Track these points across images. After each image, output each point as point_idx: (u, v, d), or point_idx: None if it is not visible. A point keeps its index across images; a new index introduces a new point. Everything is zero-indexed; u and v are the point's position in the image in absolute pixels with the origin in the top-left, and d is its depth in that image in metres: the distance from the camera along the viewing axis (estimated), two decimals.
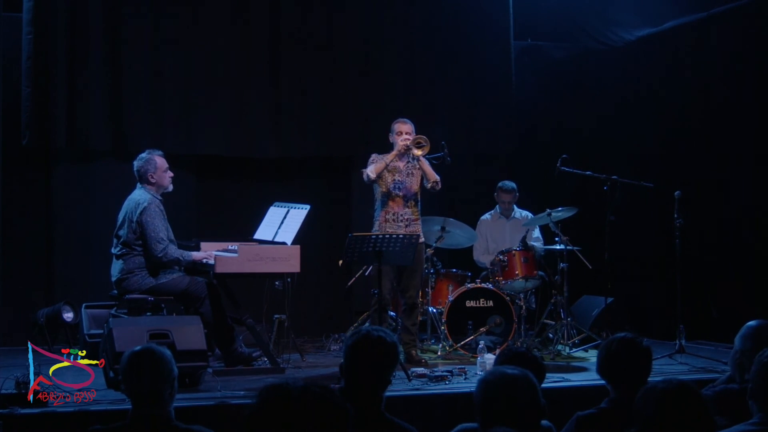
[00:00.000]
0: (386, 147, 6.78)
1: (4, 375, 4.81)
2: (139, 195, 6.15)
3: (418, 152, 6.52)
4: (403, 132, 6.60)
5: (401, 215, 6.62)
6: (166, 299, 6.05)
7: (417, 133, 6.63)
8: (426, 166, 6.61)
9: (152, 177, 6.19)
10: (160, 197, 6.20)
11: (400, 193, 6.63)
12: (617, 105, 8.87)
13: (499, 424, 2.51)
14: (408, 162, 6.64)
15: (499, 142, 8.68)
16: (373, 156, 6.69)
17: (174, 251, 6.07)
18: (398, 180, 6.63)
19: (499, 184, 7.90)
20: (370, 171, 6.56)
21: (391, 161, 6.58)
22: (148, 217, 5.99)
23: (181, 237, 6.39)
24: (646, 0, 8.33)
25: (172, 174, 6.30)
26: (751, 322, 3.93)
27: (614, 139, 8.87)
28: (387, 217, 6.63)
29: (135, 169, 6.24)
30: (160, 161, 6.24)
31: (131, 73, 7.61)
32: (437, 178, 6.59)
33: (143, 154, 6.26)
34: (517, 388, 2.70)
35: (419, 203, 6.74)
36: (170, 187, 6.30)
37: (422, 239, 6.74)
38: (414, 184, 6.66)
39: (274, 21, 7.99)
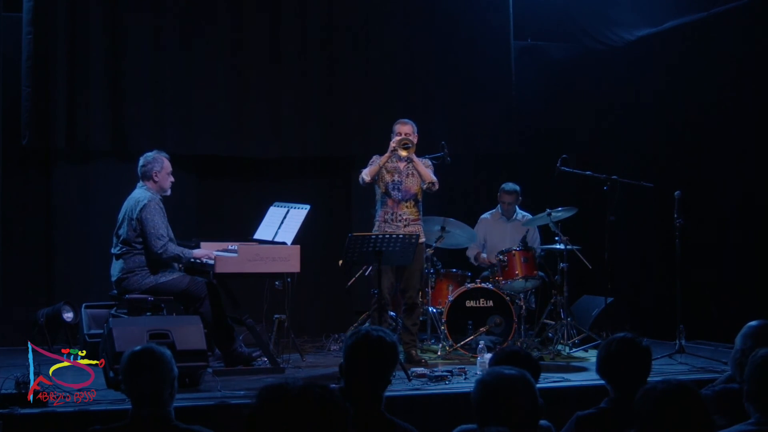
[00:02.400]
0: (386, 147, 6.77)
1: (4, 375, 4.81)
2: (139, 193, 6.15)
3: (403, 153, 6.52)
4: (402, 133, 6.61)
5: (400, 215, 6.63)
6: (166, 299, 6.05)
7: (419, 134, 6.65)
8: (420, 167, 6.61)
9: (156, 176, 6.19)
10: (160, 196, 6.20)
11: (398, 194, 6.64)
12: (617, 105, 8.87)
13: (496, 425, 2.51)
14: (408, 162, 6.65)
15: (499, 142, 8.67)
16: (374, 158, 6.71)
17: (174, 248, 6.07)
18: (397, 180, 6.64)
19: (502, 185, 7.90)
20: (365, 174, 6.59)
21: (386, 162, 6.59)
22: (147, 214, 6.00)
23: (181, 237, 6.39)
24: (646, 0, 8.33)
25: (173, 180, 6.31)
26: (753, 322, 3.95)
27: (614, 139, 8.87)
28: (386, 217, 6.65)
29: (140, 165, 6.24)
30: (167, 163, 6.26)
31: (131, 73, 7.61)
32: (433, 179, 6.59)
33: (150, 153, 6.27)
34: (514, 388, 2.70)
35: (420, 204, 6.74)
36: (168, 192, 6.30)
37: (423, 239, 6.75)
38: (413, 185, 6.66)
39: (274, 21, 7.99)
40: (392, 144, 6.56)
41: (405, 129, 6.63)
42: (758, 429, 3.02)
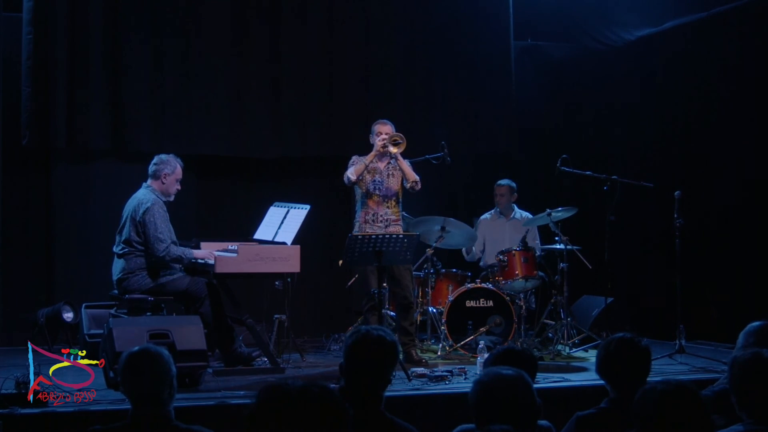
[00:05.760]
0: (372, 148, 6.75)
1: (4, 375, 4.81)
2: (143, 194, 6.15)
3: (393, 149, 6.52)
4: (383, 132, 6.61)
5: (381, 216, 6.63)
6: (166, 299, 6.05)
7: (410, 134, 6.65)
8: (405, 166, 6.61)
9: (165, 178, 6.19)
10: (164, 199, 6.20)
11: (380, 194, 6.63)
12: (617, 105, 8.87)
13: (494, 424, 2.51)
14: (388, 163, 6.66)
15: (499, 142, 8.67)
16: (354, 158, 6.71)
17: (176, 250, 6.07)
18: (378, 180, 6.64)
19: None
20: (350, 173, 6.58)
21: (371, 162, 6.59)
22: (150, 217, 6.00)
23: (181, 237, 6.39)
24: (646, 0, 8.33)
25: (180, 188, 6.31)
26: (755, 323, 3.96)
27: (614, 139, 8.87)
28: (367, 217, 6.64)
29: (152, 163, 6.24)
30: (179, 170, 6.27)
31: (131, 73, 7.60)
32: (416, 178, 6.59)
33: (166, 155, 6.28)
34: (511, 388, 2.69)
35: (400, 204, 6.74)
36: (172, 198, 6.30)
37: None
38: (394, 185, 6.66)
39: (274, 21, 7.99)
40: (379, 142, 6.55)
41: (385, 129, 6.65)
42: (759, 429, 3.02)
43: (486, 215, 8.03)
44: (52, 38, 7.38)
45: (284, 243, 6.17)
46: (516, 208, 7.95)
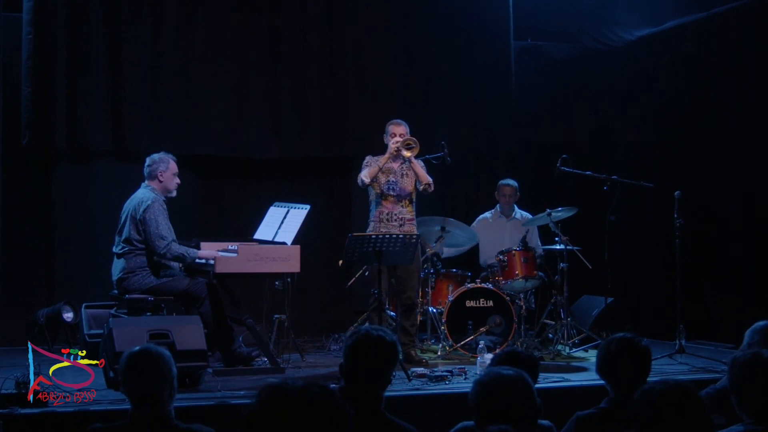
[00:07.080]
0: (386, 147, 6.77)
1: (4, 375, 4.81)
2: (143, 193, 6.16)
3: (407, 153, 6.53)
4: (397, 134, 6.62)
5: (395, 215, 6.63)
6: (166, 299, 6.05)
7: (412, 134, 6.66)
8: (418, 168, 6.62)
9: (161, 176, 6.20)
10: (164, 197, 6.20)
11: (394, 194, 6.64)
12: (617, 105, 8.87)
13: (495, 424, 2.51)
14: (402, 163, 6.66)
15: (499, 142, 8.67)
16: (368, 159, 6.71)
17: (178, 247, 6.07)
18: (392, 180, 6.65)
19: (500, 181, 7.93)
20: (364, 176, 6.59)
21: (385, 163, 6.59)
22: (151, 215, 6.00)
23: (181, 237, 6.38)
24: (646, 0, 8.33)
25: (179, 182, 6.32)
26: (760, 322, 3.98)
27: (614, 139, 8.87)
28: (381, 217, 6.65)
29: (146, 165, 6.25)
30: (173, 164, 6.29)
31: (131, 73, 7.61)
32: (429, 180, 6.60)
33: (157, 154, 6.29)
34: (511, 388, 2.70)
35: (414, 203, 6.75)
36: (174, 193, 6.31)
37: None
38: (408, 185, 6.67)
39: (274, 21, 7.99)
40: (393, 145, 6.56)
41: (399, 130, 6.65)
42: (759, 429, 3.02)
43: (486, 214, 8.02)
44: (52, 38, 7.38)
45: (284, 243, 6.17)
46: (516, 208, 7.95)
